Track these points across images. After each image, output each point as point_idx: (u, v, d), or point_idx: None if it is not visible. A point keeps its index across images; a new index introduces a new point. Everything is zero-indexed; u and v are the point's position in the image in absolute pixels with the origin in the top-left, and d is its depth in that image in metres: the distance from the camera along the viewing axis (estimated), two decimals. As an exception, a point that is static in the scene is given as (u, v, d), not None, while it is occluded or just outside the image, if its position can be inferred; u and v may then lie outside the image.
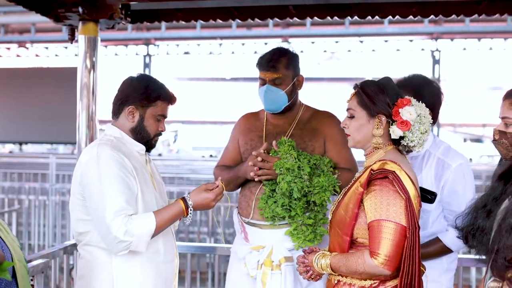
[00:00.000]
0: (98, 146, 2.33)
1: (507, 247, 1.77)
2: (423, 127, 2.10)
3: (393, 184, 2.01)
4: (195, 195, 2.35)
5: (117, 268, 2.33)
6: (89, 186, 2.27)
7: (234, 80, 16.24)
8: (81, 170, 2.32)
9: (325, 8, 3.38)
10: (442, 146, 2.69)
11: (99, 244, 2.33)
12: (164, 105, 2.47)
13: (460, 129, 21.80)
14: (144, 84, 2.43)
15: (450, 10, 3.27)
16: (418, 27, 11.51)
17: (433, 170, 2.62)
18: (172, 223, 2.35)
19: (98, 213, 2.24)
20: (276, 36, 12.13)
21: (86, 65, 3.34)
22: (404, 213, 1.98)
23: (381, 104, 2.11)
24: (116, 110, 2.48)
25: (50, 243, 7.76)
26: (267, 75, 2.81)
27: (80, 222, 2.37)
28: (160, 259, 2.43)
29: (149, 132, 2.46)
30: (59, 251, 3.32)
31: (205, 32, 12.00)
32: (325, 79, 18.53)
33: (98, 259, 2.35)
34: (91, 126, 3.36)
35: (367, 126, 2.15)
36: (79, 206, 2.35)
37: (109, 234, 2.20)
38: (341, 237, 2.12)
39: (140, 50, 13.33)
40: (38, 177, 8.69)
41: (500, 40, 11.75)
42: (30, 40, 12.79)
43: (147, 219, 2.24)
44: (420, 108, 2.12)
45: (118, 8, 3.30)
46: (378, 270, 1.97)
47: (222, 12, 3.51)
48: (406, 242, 1.96)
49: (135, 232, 2.19)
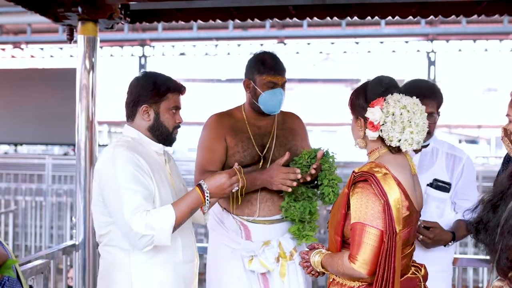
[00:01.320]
0: (114, 147, 2.35)
1: (508, 247, 1.78)
2: (398, 126, 2.04)
3: (372, 187, 2.00)
4: (210, 179, 2.31)
5: (135, 268, 2.35)
6: (106, 187, 2.30)
7: (229, 81, 16.27)
8: (99, 172, 2.35)
9: (324, 8, 3.39)
10: (445, 143, 2.83)
11: (119, 245, 2.36)
12: (175, 97, 2.47)
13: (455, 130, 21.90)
14: (151, 81, 2.44)
15: (450, 10, 3.28)
16: (414, 28, 11.53)
17: (444, 164, 2.73)
18: (192, 212, 2.31)
19: (117, 212, 2.25)
20: (272, 37, 12.13)
21: (85, 65, 3.32)
22: (381, 217, 1.97)
23: (357, 107, 2.16)
24: (130, 112, 2.48)
25: (47, 244, 7.74)
26: (279, 78, 2.88)
27: (101, 223, 2.40)
28: (179, 259, 2.44)
29: (167, 127, 2.46)
30: (58, 252, 3.31)
31: (201, 33, 11.99)
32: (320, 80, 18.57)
33: (117, 259, 2.38)
34: (90, 127, 3.35)
35: (355, 129, 2.21)
36: (99, 208, 2.38)
37: (130, 231, 2.20)
38: (333, 236, 2.16)
39: (135, 51, 13.30)
40: (34, 178, 8.66)
41: (496, 41, 11.79)
42: (25, 41, 12.75)
43: (166, 211, 2.23)
44: (396, 106, 2.05)
45: (117, 8, 3.29)
46: (355, 273, 2.00)
47: (221, 12, 3.51)
48: (383, 247, 1.96)
49: (155, 225, 2.19)
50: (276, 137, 2.98)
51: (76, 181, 3.39)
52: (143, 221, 2.18)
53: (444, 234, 2.62)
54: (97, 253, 3.47)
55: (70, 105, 3.38)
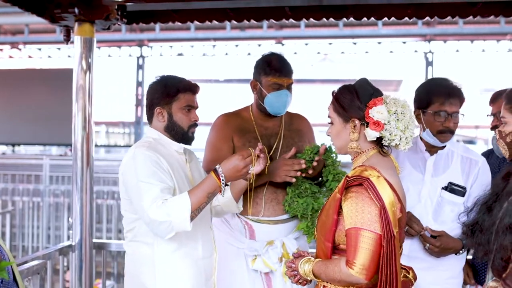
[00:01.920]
0: (136, 147, 2.48)
1: (502, 247, 1.79)
2: (402, 124, 2.05)
3: (368, 191, 1.98)
4: (224, 163, 2.35)
5: (159, 261, 2.45)
6: (128, 184, 2.43)
7: (227, 82, 16.26)
8: (122, 171, 2.49)
9: (320, 9, 3.40)
10: (460, 145, 2.79)
11: (143, 239, 2.47)
12: (187, 96, 2.55)
13: (453, 131, 21.86)
14: (162, 84, 2.56)
15: (445, 11, 3.30)
16: (411, 29, 11.53)
17: (459, 167, 2.68)
18: (209, 196, 2.35)
19: (138, 205, 2.36)
20: (270, 38, 12.12)
21: (82, 66, 3.34)
22: (378, 221, 1.95)
23: (352, 108, 2.11)
24: (148, 115, 2.62)
25: (44, 244, 7.73)
26: (285, 80, 2.92)
27: (127, 219, 2.53)
28: (199, 254, 2.54)
29: (181, 126, 2.55)
30: (55, 253, 3.32)
31: (199, 34, 11.98)
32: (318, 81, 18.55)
33: (141, 253, 2.49)
34: (87, 127, 3.36)
35: (344, 132, 2.15)
36: (126, 206, 2.51)
37: (150, 220, 2.30)
38: (323, 243, 2.11)
39: (133, 51, 13.28)
40: (31, 179, 8.65)
41: (493, 42, 11.79)
42: (23, 41, 12.72)
43: (181, 197, 2.30)
44: (396, 105, 2.06)
45: (114, 9, 3.30)
46: (354, 279, 1.96)
47: (217, 13, 3.52)
48: (382, 251, 1.93)
49: (171, 211, 2.26)
50: (283, 138, 3.03)
51: (73, 181, 3.39)
52: (159, 209, 2.26)
53: (451, 242, 2.58)
54: (94, 253, 3.50)
55: (67, 106, 3.39)
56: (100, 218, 7.75)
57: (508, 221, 1.77)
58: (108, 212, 7.69)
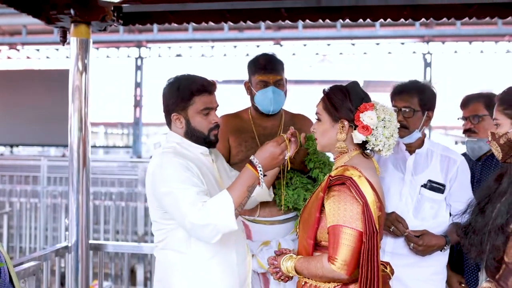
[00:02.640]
0: (162, 155, 2.34)
1: (495, 247, 1.80)
2: (388, 131, 2.12)
3: (350, 190, 2.03)
4: (259, 153, 2.25)
5: (193, 270, 2.34)
6: (160, 194, 2.27)
7: (226, 83, 16.24)
8: (151, 181, 2.33)
9: (316, 10, 3.40)
10: (440, 145, 2.85)
11: (176, 248, 2.34)
12: (203, 98, 2.38)
13: (452, 132, 21.91)
14: (175, 87, 2.39)
15: (441, 13, 3.29)
16: (409, 30, 11.56)
17: (439, 165, 2.75)
18: (249, 190, 2.23)
19: (176, 214, 2.23)
20: (268, 39, 12.15)
21: (78, 67, 3.33)
22: (361, 218, 2.00)
23: (343, 110, 2.15)
24: (167, 121, 2.48)
25: (41, 245, 7.72)
26: (271, 77, 2.91)
27: (158, 229, 2.40)
28: (233, 260, 2.43)
29: (201, 130, 2.40)
30: (51, 254, 3.31)
31: (197, 35, 12.01)
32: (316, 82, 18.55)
33: (173, 262, 2.36)
34: (83, 128, 3.35)
35: (332, 131, 2.18)
36: (157, 214, 2.37)
37: (192, 226, 2.17)
38: (305, 240, 2.17)
39: (131, 52, 13.31)
40: (29, 180, 8.65)
41: (491, 43, 11.82)
42: (21, 42, 12.74)
43: (221, 196, 2.18)
44: (385, 112, 2.12)
45: (110, 10, 3.29)
46: (335, 274, 2.01)
47: (214, 14, 3.51)
48: (363, 247, 1.98)
49: (214, 212, 2.14)
50: None
51: (69, 182, 3.38)
52: (200, 212, 2.14)
53: (434, 239, 2.62)
54: (90, 254, 3.50)
55: (65, 106, 3.37)
56: (98, 219, 7.74)
57: (500, 221, 1.79)
58: (105, 213, 7.68)
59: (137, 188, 7.71)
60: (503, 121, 1.95)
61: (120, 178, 8.68)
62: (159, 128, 24.97)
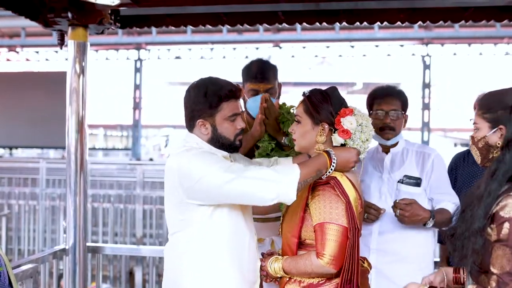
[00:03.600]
0: (182, 153, 2.25)
1: (474, 251, 1.82)
2: (364, 136, 2.22)
3: (334, 189, 2.14)
4: (340, 150, 2.22)
5: (203, 271, 2.27)
6: (193, 182, 2.15)
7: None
8: (178, 176, 2.21)
9: (313, 13, 3.40)
10: (416, 144, 3.00)
11: (188, 245, 2.27)
12: (230, 104, 2.29)
13: (451, 134, 21.94)
14: (202, 92, 2.27)
15: (438, 16, 3.30)
16: (408, 32, 11.57)
17: (414, 160, 2.88)
18: (317, 173, 2.17)
19: (217, 190, 2.13)
20: (267, 41, 12.17)
21: (76, 70, 3.34)
22: (345, 215, 2.10)
23: (324, 113, 2.22)
24: (188, 125, 2.36)
25: (40, 248, 7.73)
26: (261, 86, 2.92)
27: (175, 225, 2.32)
28: (244, 265, 2.33)
29: (227, 137, 2.32)
30: (48, 256, 3.32)
31: (196, 37, 12.02)
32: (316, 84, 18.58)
33: (185, 259, 2.29)
34: (80, 131, 3.36)
35: (311, 133, 2.25)
36: (176, 210, 2.29)
37: (246, 182, 2.10)
38: (290, 239, 2.23)
39: (131, 54, 13.31)
40: (28, 182, 8.66)
41: (490, 45, 11.83)
42: (20, 44, 12.75)
43: (290, 165, 2.18)
44: (362, 117, 2.22)
45: (107, 13, 3.30)
46: (324, 270, 2.10)
47: (211, 17, 3.52)
48: (348, 242, 2.09)
49: (280, 172, 2.11)
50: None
51: (67, 184, 3.40)
52: (262, 169, 2.13)
53: (421, 210, 2.65)
54: (89, 257, 3.50)
55: (64, 108, 3.39)
56: (97, 222, 7.75)
57: (478, 225, 1.81)
58: (104, 215, 7.69)
59: (135, 191, 7.72)
60: (482, 125, 1.96)
61: (118, 180, 8.69)
62: (159, 130, 25.00)
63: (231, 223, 2.28)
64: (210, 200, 2.21)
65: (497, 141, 1.90)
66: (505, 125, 1.87)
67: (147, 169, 8.90)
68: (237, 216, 2.31)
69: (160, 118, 21.12)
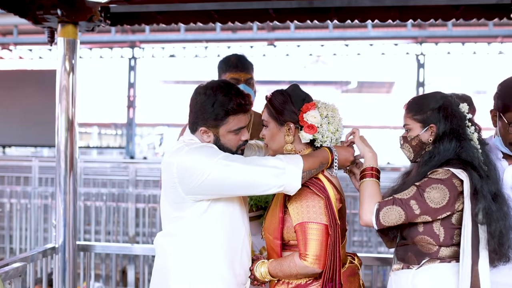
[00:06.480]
0: (185, 146, 2.18)
1: None
2: (333, 127, 2.22)
3: (310, 188, 2.13)
4: (343, 148, 2.27)
5: (195, 266, 2.23)
6: (208, 179, 2.08)
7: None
8: (178, 173, 2.15)
9: (305, 11, 3.41)
10: None
11: (180, 241, 2.23)
12: (237, 118, 2.21)
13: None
14: (210, 102, 2.18)
15: (429, 14, 3.31)
16: (402, 32, 11.59)
17: None
18: (320, 166, 2.17)
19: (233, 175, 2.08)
20: (261, 40, 12.14)
21: (65, 67, 3.33)
22: (324, 212, 2.10)
23: (287, 113, 2.23)
24: (191, 127, 2.30)
25: (32, 246, 7.70)
26: (242, 75, 2.99)
27: (170, 221, 2.27)
28: (236, 265, 2.28)
29: (229, 147, 2.25)
30: (38, 255, 3.30)
31: (190, 35, 11.98)
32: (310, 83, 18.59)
33: (175, 256, 2.26)
34: (70, 129, 3.35)
35: (279, 135, 2.26)
36: (171, 207, 2.25)
37: (255, 170, 2.07)
38: (272, 241, 2.23)
39: (125, 52, 13.25)
40: (20, 180, 8.62)
41: (484, 44, 11.85)
42: (13, 42, 12.69)
43: (293, 155, 2.17)
44: (327, 109, 2.22)
45: (97, 10, 3.29)
46: (309, 270, 2.09)
47: (202, 15, 3.52)
48: (329, 239, 2.08)
49: (284, 160, 2.09)
50: (251, 137, 2.89)
51: (56, 183, 3.38)
52: (268, 158, 2.12)
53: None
54: (80, 255, 3.48)
55: (54, 107, 3.37)
56: (89, 220, 7.73)
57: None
58: (97, 214, 7.67)
59: (128, 189, 7.70)
60: (413, 126, 2.25)
61: (111, 179, 8.67)
62: (153, 129, 24.96)
63: (226, 219, 2.26)
64: (214, 193, 2.16)
65: (429, 138, 2.22)
66: (435, 123, 2.20)
67: (140, 168, 8.88)
68: (232, 213, 2.28)
69: (155, 117, 21.08)
